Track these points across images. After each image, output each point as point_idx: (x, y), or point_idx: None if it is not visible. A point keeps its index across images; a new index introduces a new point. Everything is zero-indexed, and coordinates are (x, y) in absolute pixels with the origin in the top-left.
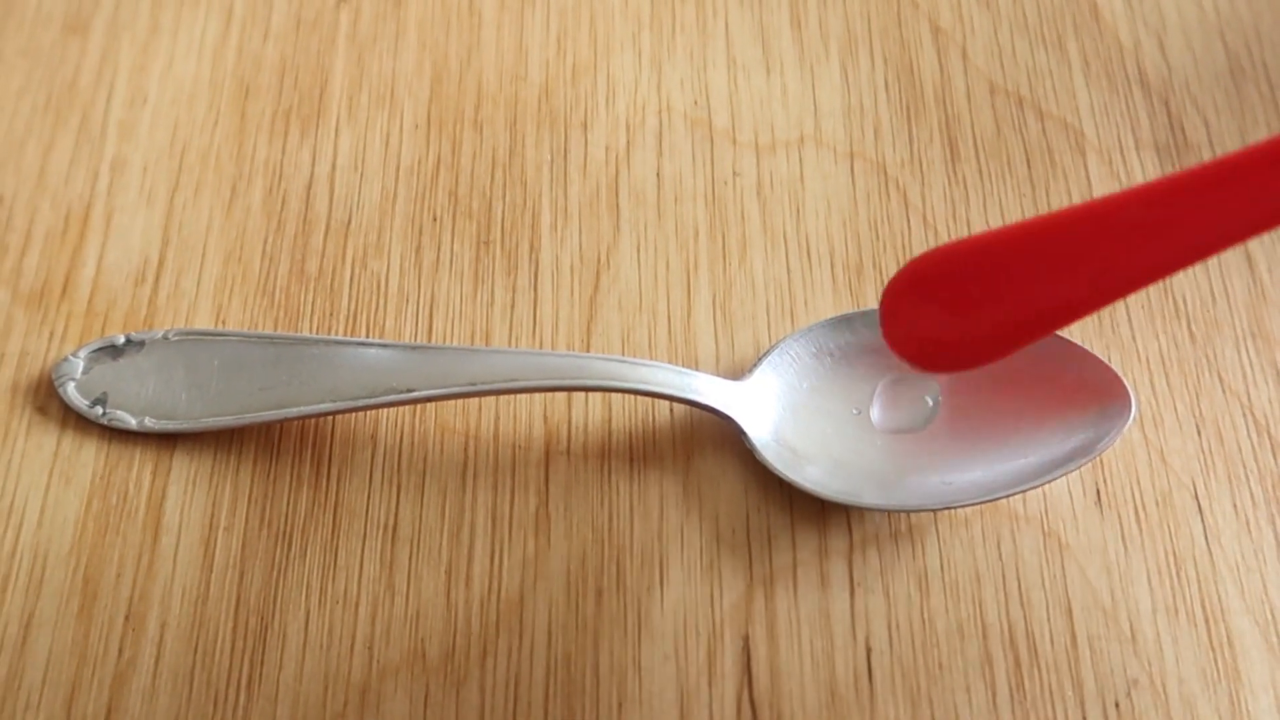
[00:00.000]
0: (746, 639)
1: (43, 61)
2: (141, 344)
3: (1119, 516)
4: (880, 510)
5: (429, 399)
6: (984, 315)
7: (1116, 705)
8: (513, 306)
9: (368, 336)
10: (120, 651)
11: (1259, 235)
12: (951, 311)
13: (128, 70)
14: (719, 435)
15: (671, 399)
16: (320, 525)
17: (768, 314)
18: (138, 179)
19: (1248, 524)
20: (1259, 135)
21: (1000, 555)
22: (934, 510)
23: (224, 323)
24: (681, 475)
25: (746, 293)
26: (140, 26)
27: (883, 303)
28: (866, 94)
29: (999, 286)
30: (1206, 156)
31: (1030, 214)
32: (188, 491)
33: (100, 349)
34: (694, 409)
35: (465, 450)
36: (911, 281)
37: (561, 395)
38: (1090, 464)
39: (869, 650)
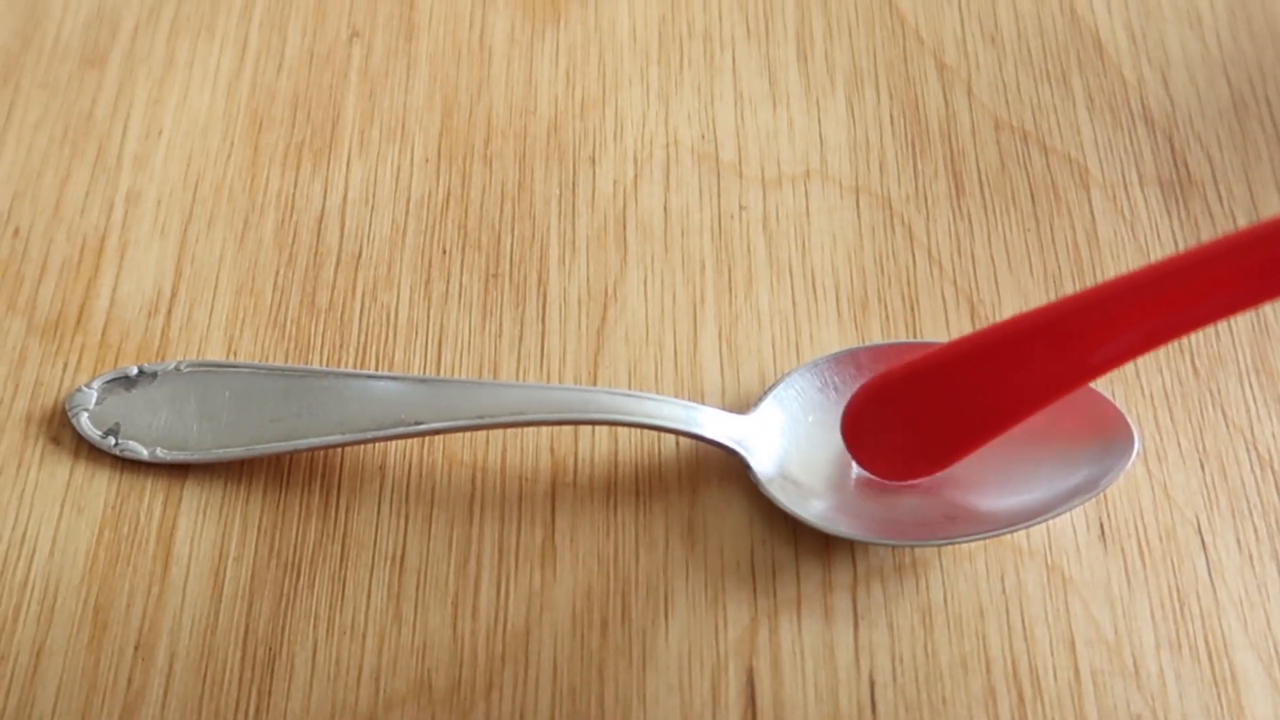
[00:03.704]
0: (751, 671)
1: (60, 94)
2: (154, 375)
3: (1122, 551)
4: (884, 544)
5: (437, 432)
6: (933, 428)
7: None
8: (520, 339)
9: (377, 369)
10: (130, 681)
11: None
12: (904, 428)
13: (143, 103)
14: (724, 469)
15: (677, 433)
16: (328, 556)
17: (773, 348)
18: (152, 211)
19: (1251, 559)
20: (1262, 170)
21: (1004, 589)
22: (938, 545)
23: (235, 355)
24: (687, 508)
25: (752, 326)
26: (156, 60)
27: (843, 427)
28: (872, 129)
29: (941, 402)
30: (1210, 193)
31: (1034, 249)
32: (198, 522)
33: (113, 380)
34: (699, 442)
35: (472, 482)
36: (864, 405)
37: (568, 428)
38: (1094, 499)
39: (872, 683)
